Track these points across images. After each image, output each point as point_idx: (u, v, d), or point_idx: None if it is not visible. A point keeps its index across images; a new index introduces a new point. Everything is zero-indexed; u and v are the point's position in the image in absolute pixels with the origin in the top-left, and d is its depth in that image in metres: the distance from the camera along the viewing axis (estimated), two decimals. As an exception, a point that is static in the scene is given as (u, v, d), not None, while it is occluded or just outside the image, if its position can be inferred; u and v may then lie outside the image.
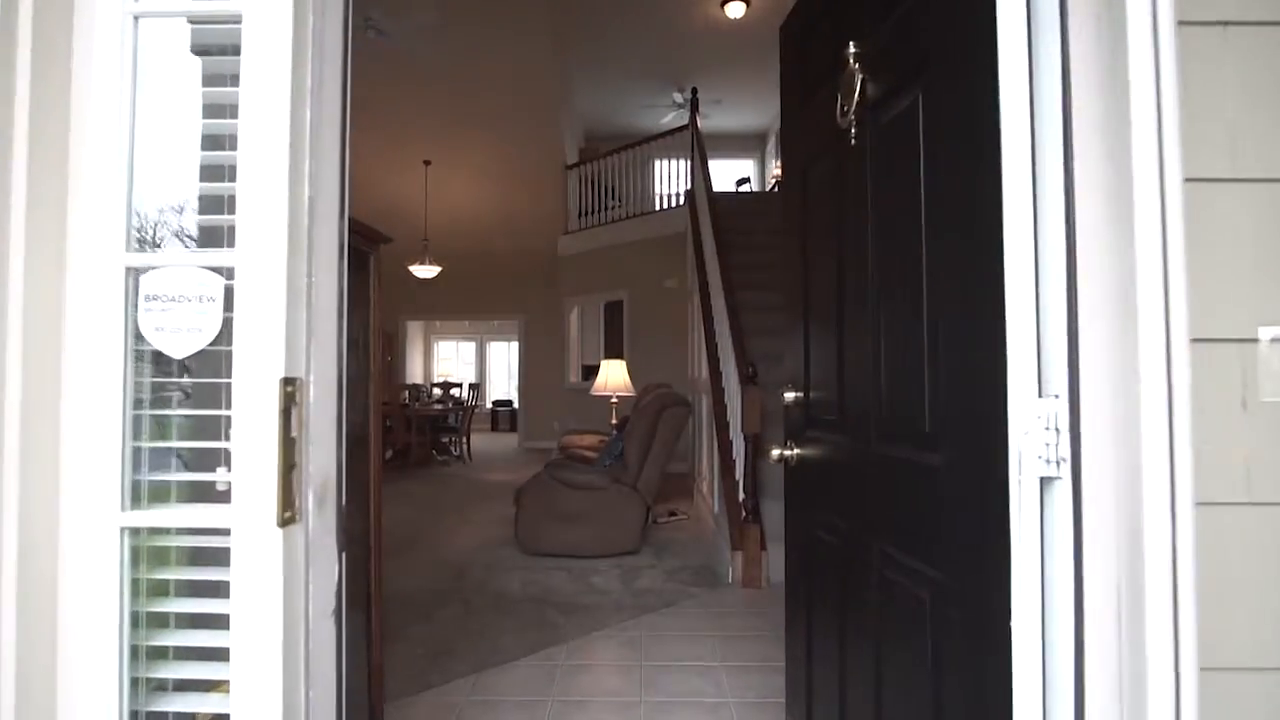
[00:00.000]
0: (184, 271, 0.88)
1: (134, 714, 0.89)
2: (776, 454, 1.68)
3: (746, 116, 11.27)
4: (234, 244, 0.85)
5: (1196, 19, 0.74)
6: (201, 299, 0.89)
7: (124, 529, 0.85)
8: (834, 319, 1.47)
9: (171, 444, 0.97)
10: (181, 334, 0.88)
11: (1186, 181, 0.70)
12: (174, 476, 0.95)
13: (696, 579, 3.85)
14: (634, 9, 7.70)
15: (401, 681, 2.53)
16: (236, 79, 0.87)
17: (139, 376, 0.92)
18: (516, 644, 2.90)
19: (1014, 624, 0.90)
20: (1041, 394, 0.91)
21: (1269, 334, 0.75)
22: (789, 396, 1.71)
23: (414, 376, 12.53)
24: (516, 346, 11.34)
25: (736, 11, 7.61)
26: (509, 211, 9.68)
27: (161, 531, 0.94)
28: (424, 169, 8.86)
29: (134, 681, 0.91)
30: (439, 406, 9.60)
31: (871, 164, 1.31)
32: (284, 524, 0.75)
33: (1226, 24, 0.74)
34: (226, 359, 0.88)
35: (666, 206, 8.37)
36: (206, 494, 0.92)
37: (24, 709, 0.77)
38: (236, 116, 0.86)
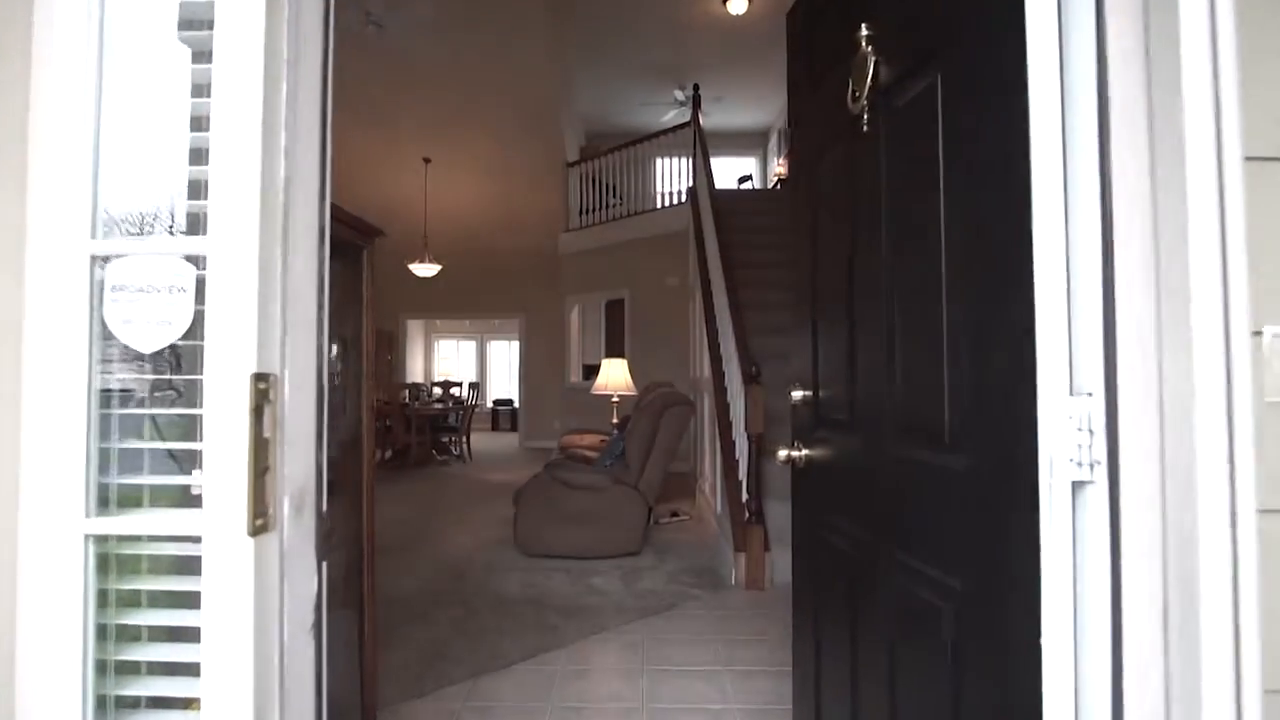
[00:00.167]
0: (153, 260, 0.82)
1: (102, 733, 0.83)
2: (784, 455, 1.61)
3: (748, 114, 11.20)
4: (208, 231, 0.79)
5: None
6: (172, 289, 0.83)
7: (88, 536, 0.80)
8: (844, 314, 1.41)
9: (143, 445, 0.91)
10: (150, 327, 0.82)
11: (1248, 160, 0.63)
12: (145, 480, 0.89)
13: (699, 581, 3.79)
14: (635, 5, 7.64)
15: (397, 686, 2.47)
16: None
17: (106, 373, 0.86)
18: (515, 647, 2.84)
19: (1044, 639, 0.84)
20: (1073, 392, 0.85)
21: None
22: (796, 396, 1.65)
23: (414, 376, 12.47)
24: (517, 345, 11.28)
25: (738, 7, 7.55)
26: (509, 209, 9.62)
27: (132, 539, 0.88)
28: (424, 167, 8.81)
29: (101, 700, 0.85)
30: (439, 406, 9.54)
31: (885, 151, 1.24)
32: (256, 533, 0.69)
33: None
34: (202, 354, 0.82)
35: (668, 204, 8.31)
36: (184, 498, 0.87)
37: (-22, 731, 0.72)
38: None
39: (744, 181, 10.81)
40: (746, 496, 3.83)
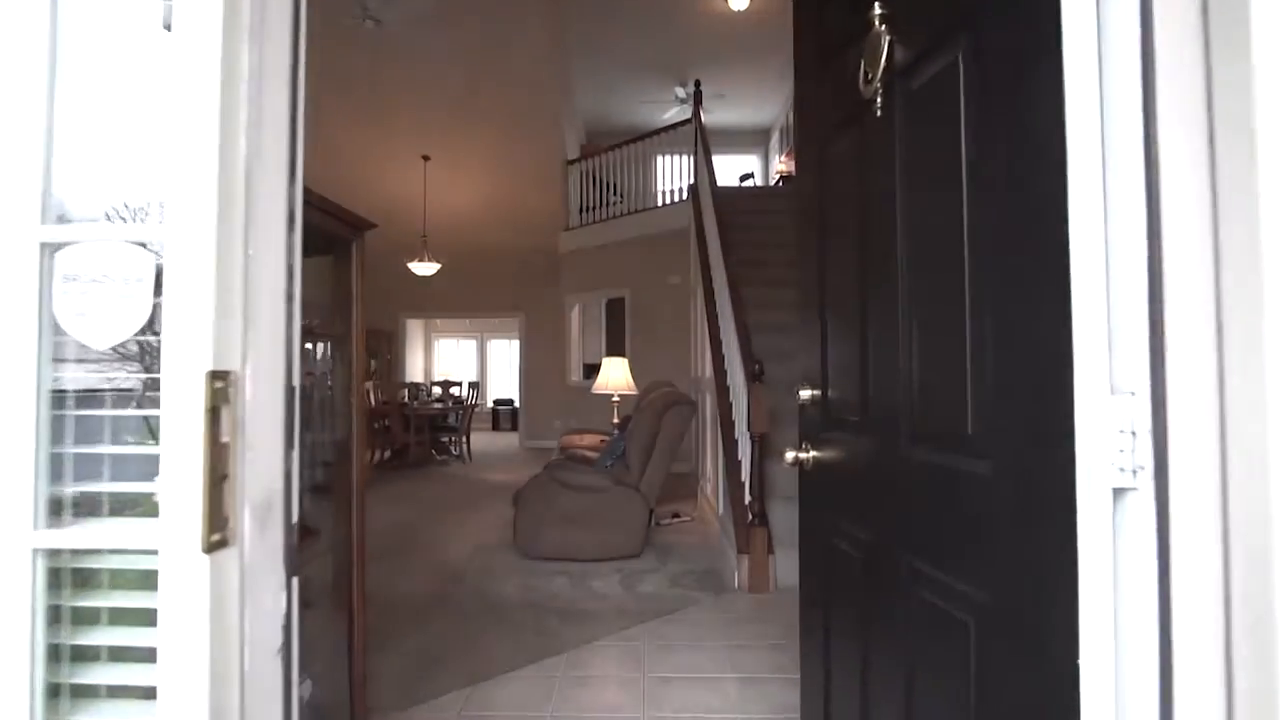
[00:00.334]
0: (108, 248, 0.75)
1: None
2: (791, 457, 1.54)
3: (750, 111, 11.13)
4: (165, 215, 0.72)
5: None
6: (128, 280, 0.76)
7: (36, 550, 0.73)
8: (856, 308, 1.34)
9: (103, 450, 0.84)
10: (105, 320, 0.75)
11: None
12: (105, 488, 0.82)
13: (701, 584, 3.72)
14: (635, 0, 7.57)
15: (390, 693, 2.40)
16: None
17: (59, 371, 0.79)
18: (513, 653, 2.77)
19: (1082, 661, 0.77)
20: (1113, 391, 0.78)
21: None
22: (804, 395, 1.58)
23: (414, 375, 12.40)
24: (517, 345, 11.21)
25: (740, 3, 7.48)
26: (509, 208, 9.55)
27: (92, 552, 0.81)
28: (423, 164, 8.73)
29: (54, 727, 0.78)
30: (438, 405, 9.47)
31: (901, 135, 1.17)
32: (211, 549, 0.62)
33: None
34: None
35: (669, 202, 8.23)
36: (153, 507, 0.80)
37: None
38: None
39: (746, 179, 10.73)
40: (749, 498, 3.76)
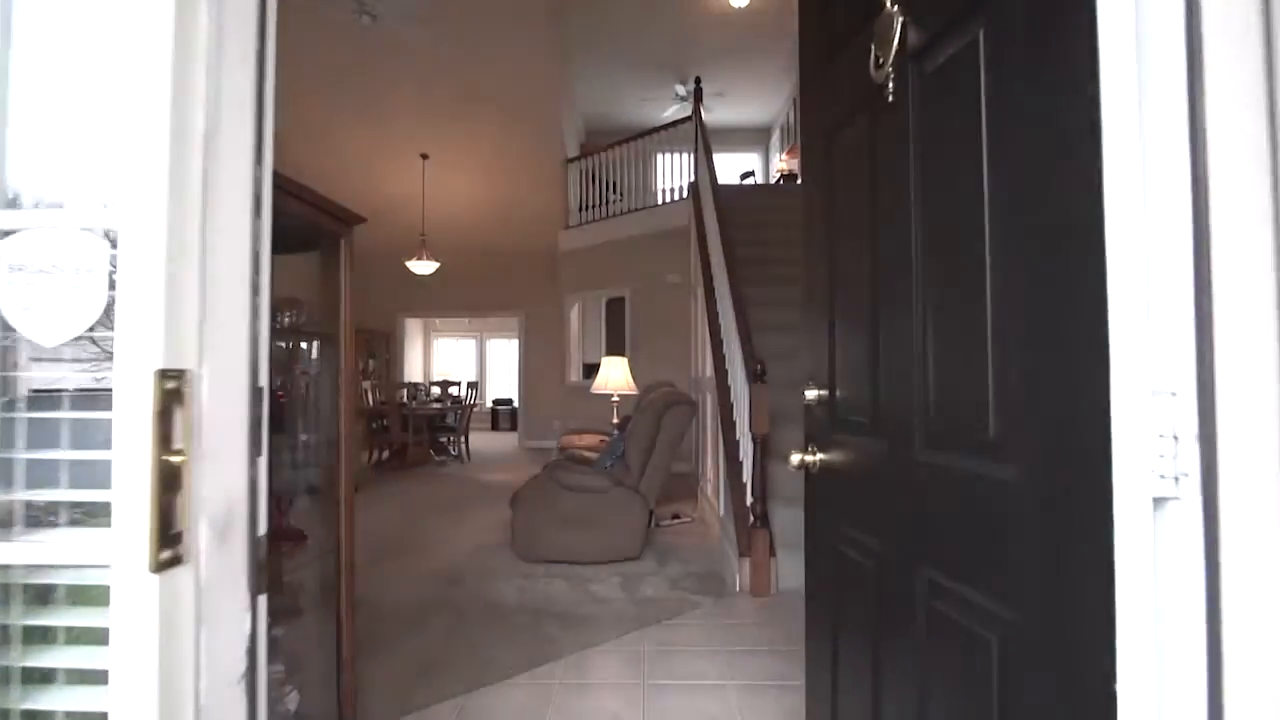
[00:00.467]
0: (57, 235, 0.69)
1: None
2: (796, 460, 1.48)
3: (750, 110, 11.07)
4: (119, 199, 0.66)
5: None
6: (79, 270, 0.69)
7: (-22, 565, 0.66)
8: (866, 303, 1.27)
9: (59, 456, 0.78)
10: (53, 314, 0.69)
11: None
12: (62, 496, 0.76)
13: (702, 587, 3.65)
14: (635, -3, 7.52)
15: (383, 702, 2.34)
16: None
17: (6, 370, 0.73)
18: (510, 660, 2.71)
19: (1119, 686, 0.70)
20: (1154, 391, 0.72)
21: None
22: (810, 395, 1.52)
23: (413, 375, 12.34)
24: (516, 344, 11.14)
25: (740, 0, 7.42)
26: (508, 206, 9.49)
27: (46, 567, 0.75)
28: (421, 163, 8.67)
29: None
30: (437, 405, 9.41)
31: (915, 120, 1.11)
32: (160, 567, 0.55)
33: None
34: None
35: (669, 200, 8.17)
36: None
37: None
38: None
39: (746, 177, 10.67)
40: (751, 499, 3.69)
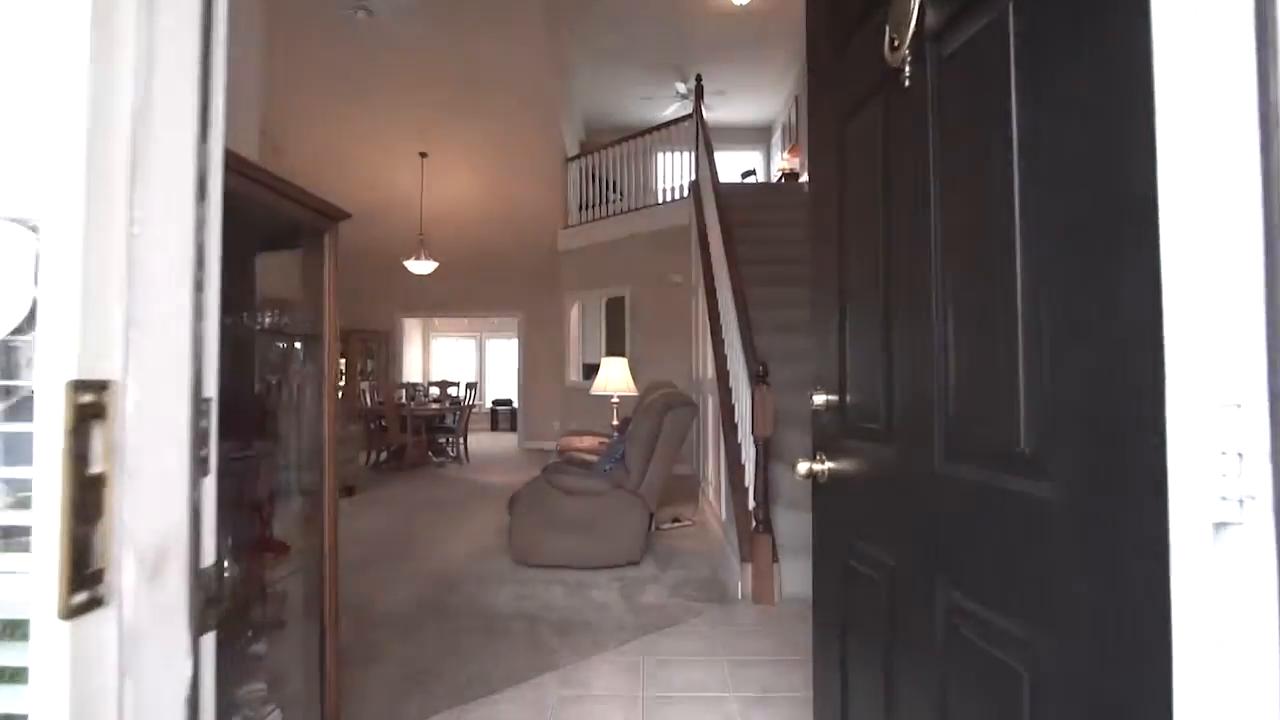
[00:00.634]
0: (-26, 226, 0.61)
1: None
2: (804, 468, 1.40)
3: (751, 109, 10.99)
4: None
5: None
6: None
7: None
8: (879, 302, 1.19)
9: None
10: (-32, 316, 0.61)
11: None
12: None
13: (703, 593, 3.57)
14: (636, -6, 7.43)
15: (372, 715, 2.26)
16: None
17: None
18: (505, 670, 2.63)
19: (1178, 735, 0.62)
20: (1215, 401, 0.63)
21: None
22: (818, 400, 1.43)
23: (412, 375, 12.26)
24: (516, 344, 11.05)
25: (742, -5, 7.33)
26: (508, 205, 9.40)
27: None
28: (420, 161, 8.59)
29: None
30: (435, 406, 9.33)
31: (935, 105, 1.03)
32: (73, 613, 0.47)
33: None
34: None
35: (669, 199, 8.08)
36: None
37: None
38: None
39: (748, 176, 10.59)
40: (753, 504, 3.61)
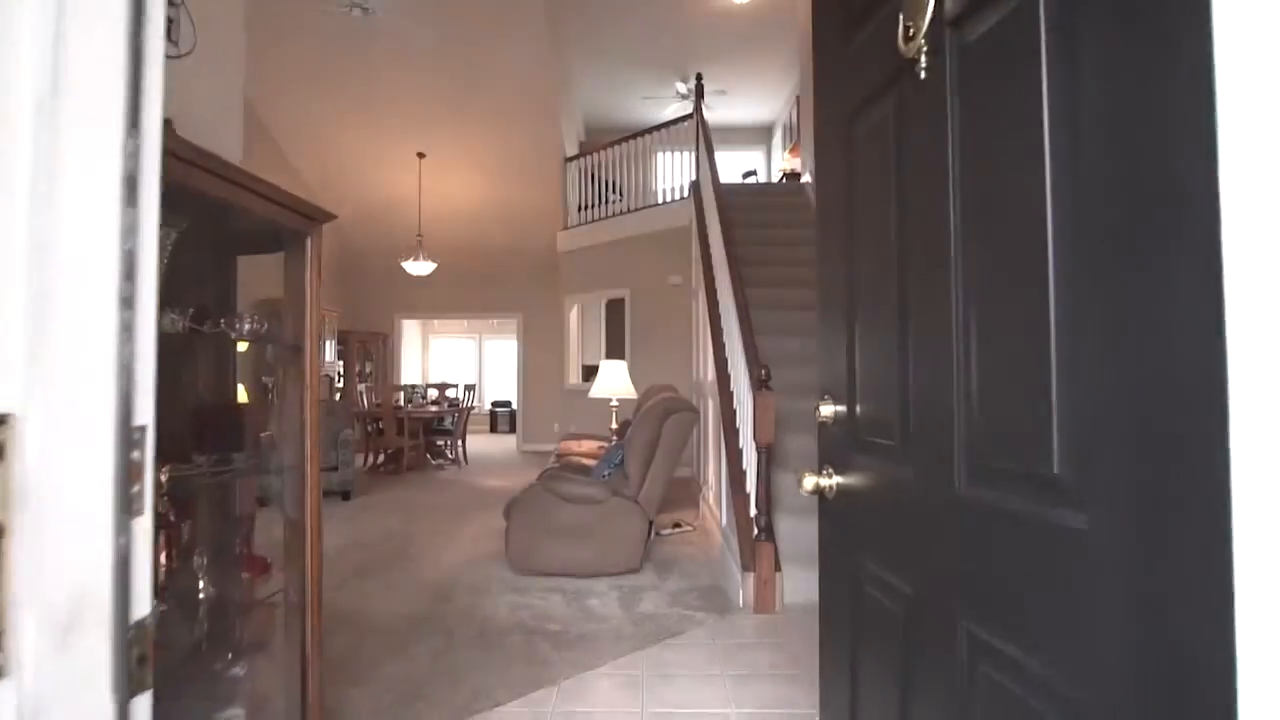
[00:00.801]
0: None
1: None
2: (811, 483, 1.32)
3: (752, 109, 10.92)
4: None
5: None
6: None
7: None
8: (893, 307, 1.11)
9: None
10: None
11: None
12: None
13: (704, 603, 3.49)
14: (635, -8, 7.36)
15: (363, 736, 2.18)
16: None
17: None
18: (502, 686, 2.55)
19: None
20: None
21: None
22: (826, 411, 1.36)
23: (411, 377, 12.19)
24: (515, 345, 10.98)
25: (743, -6, 7.26)
26: (507, 205, 9.34)
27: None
28: (418, 162, 8.52)
29: None
30: (434, 408, 9.25)
31: (954, 98, 0.95)
32: (-53, 689, 0.40)
33: None
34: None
35: (670, 200, 8.01)
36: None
37: None
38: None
39: (749, 176, 10.52)
40: (755, 511, 3.53)
